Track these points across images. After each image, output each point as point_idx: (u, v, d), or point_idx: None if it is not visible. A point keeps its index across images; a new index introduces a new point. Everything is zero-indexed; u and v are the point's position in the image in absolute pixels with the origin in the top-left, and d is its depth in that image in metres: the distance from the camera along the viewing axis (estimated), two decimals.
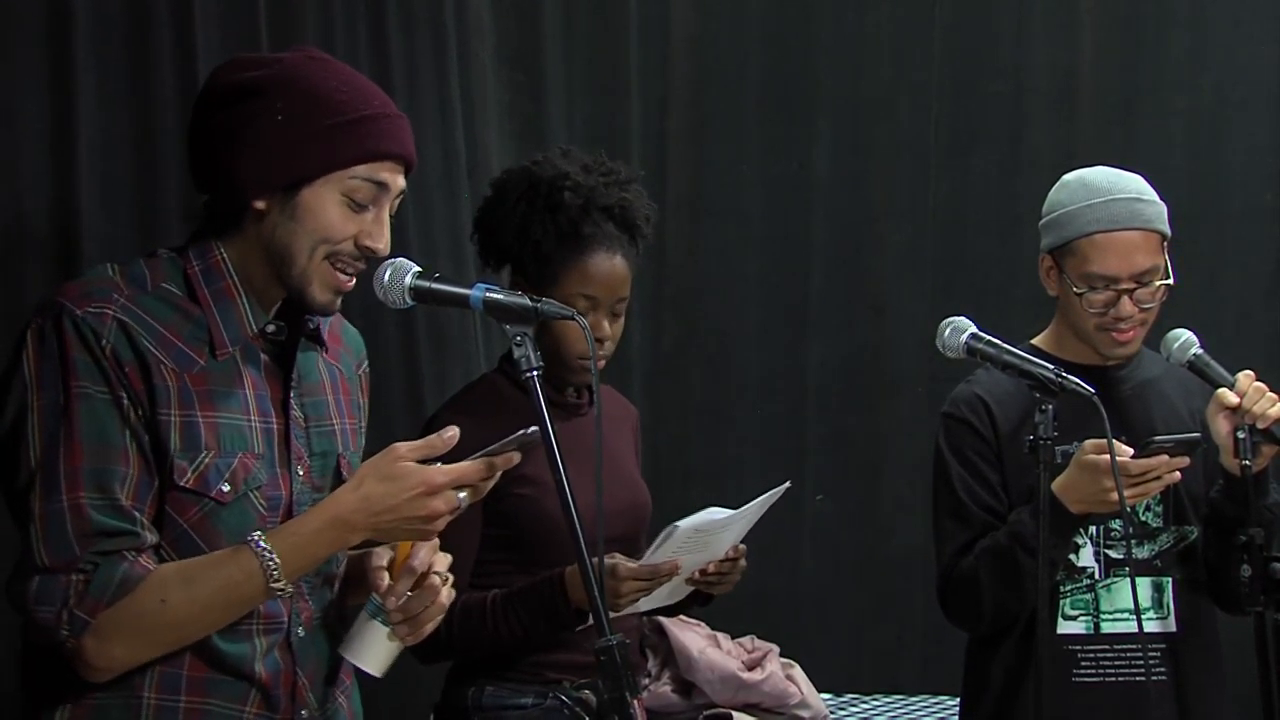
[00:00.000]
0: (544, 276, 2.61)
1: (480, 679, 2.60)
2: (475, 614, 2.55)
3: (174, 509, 1.95)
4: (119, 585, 1.89)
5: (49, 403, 1.91)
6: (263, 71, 2.02)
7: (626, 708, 1.88)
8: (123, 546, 1.90)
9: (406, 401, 3.48)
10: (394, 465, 1.94)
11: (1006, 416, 2.70)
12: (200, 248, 2.04)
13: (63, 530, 1.89)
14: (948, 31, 4.30)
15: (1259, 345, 4.05)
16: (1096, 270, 2.64)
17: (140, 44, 2.88)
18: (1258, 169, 4.19)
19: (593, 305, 2.61)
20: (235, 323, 2.01)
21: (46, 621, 1.89)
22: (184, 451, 1.95)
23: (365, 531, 1.95)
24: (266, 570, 1.91)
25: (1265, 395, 2.58)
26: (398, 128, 2.04)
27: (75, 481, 1.89)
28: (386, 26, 3.46)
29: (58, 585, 1.88)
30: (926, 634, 4.08)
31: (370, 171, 2.00)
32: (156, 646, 1.94)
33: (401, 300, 2.02)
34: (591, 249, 2.61)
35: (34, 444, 1.90)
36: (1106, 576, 2.68)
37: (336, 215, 2.00)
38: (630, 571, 2.49)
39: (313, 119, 1.98)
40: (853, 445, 4.29)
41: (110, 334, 1.92)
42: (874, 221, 4.33)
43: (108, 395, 1.91)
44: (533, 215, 2.62)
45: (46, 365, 1.91)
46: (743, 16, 4.28)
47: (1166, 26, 4.25)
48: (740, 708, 3.39)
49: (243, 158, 1.98)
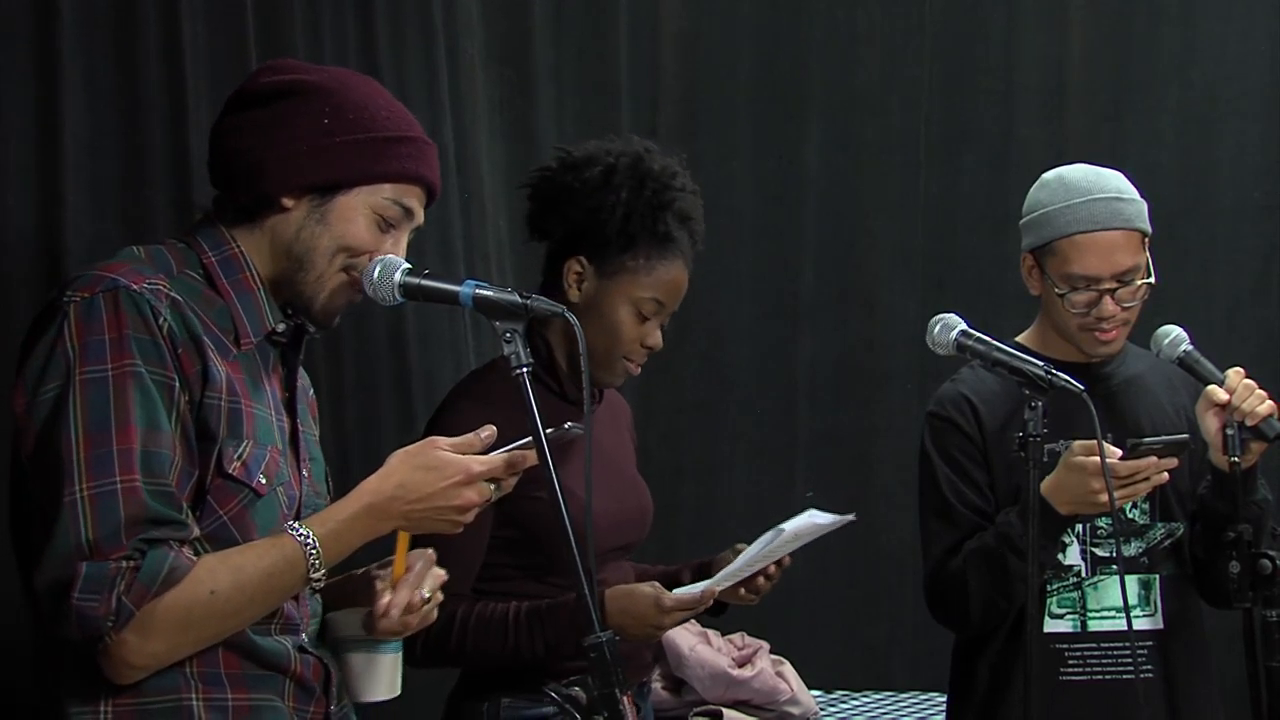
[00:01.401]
0: (620, 269, 2.52)
1: (495, 692, 2.49)
2: (496, 626, 2.44)
3: (216, 499, 1.90)
4: (167, 575, 1.81)
5: (97, 380, 1.82)
6: (308, 76, 2.03)
7: (616, 704, 1.88)
8: (170, 536, 1.82)
9: (395, 399, 3.48)
10: (433, 454, 1.94)
11: (992, 416, 2.69)
12: (212, 237, 2.01)
13: (114, 513, 1.79)
14: (938, 29, 4.31)
15: (1249, 342, 4.06)
16: (1078, 271, 2.63)
17: (127, 41, 2.87)
18: (1247, 166, 4.20)
19: (658, 311, 2.56)
20: (256, 315, 1.99)
21: (90, 612, 1.77)
22: (230, 438, 1.91)
23: (397, 520, 1.94)
24: (309, 558, 1.88)
25: (1254, 392, 2.58)
26: (432, 155, 2.07)
27: (129, 463, 1.81)
28: (375, 23, 3.45)
29: (106, 572, 1.78)
30: (916, 631, 4.08)
31: (401, 193, 2.02)
32: (198, 641, 1.87)
33: (391, 297, 2.01)
34: (674, 256, 2.55)
35: (76, 423, 1.81)
36: (1093, 575, 2.68)
37: (365, 227, 2.00)
38: (676, 603, 2.42)
39: (358, 128, 1.99)
40: (843, 442, 4.29)
41: (167, 313, 1.87)
42: (864, 218, 4.33)
43: (161, 376, 1.85)
44: (638, 205, 2.52)
45: (93, 340, 1.83)
46: (733, 13, 4.28)
47: (1157, 24, 4.27)
48: (730, 704, 3.39)
49: (278, 154, 1.97)
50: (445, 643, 2.42)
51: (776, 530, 2.45)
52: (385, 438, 3.43)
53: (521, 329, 1.97)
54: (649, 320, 2.55)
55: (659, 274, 2.54)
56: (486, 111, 3.79)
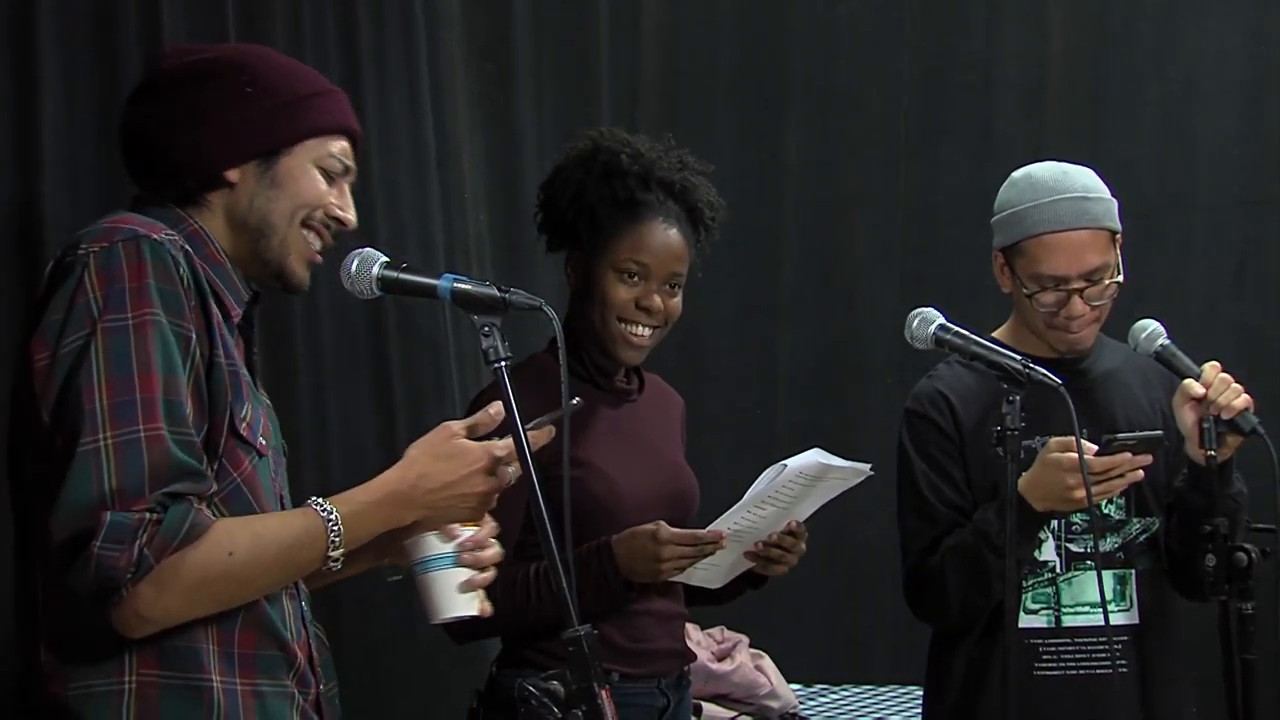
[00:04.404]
0: (596, 244, 2.58)
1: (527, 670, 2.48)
2: (519, 587, 2.48)
3: (229, 461, 1.88)
4: (188, 531, 1.78)
5: (119, 329, 1.80)
6: (212, 54, 2.04)
7: (594, 698, 1.88)
8: (191, 490, 1.80)
9: (375, 390, 3.47)
10: (451, 443, 1.94)
11: (969, 412, 2.70)
12: (167, 215, 1.97)
13: (139, 461, 1.76)
14: (918, 22, 4.31)
15: (1226, 336, 4.07)
16: (1045, 271, 2.64)
17: (106, 32, 2.86)
18: (1226, 160, 4.22)
19: (644, 273, 2.57)
20: (233, 288, 1.99)
21: (111, 562, 1.74)
22: (235, 399, 1.89)
23: (421, 509, 1.94)
24: (330, 534, 1.87)
25: (1231, 386, 2.59)
26: (347, 103, 2.09)
27: (152, 411, 1.78)
28: (355, 15, 3.44)
29: (130, 522, 1.75)
30: (896, 625, 4.08)
31: (334, 143, 2.03)
32: (213, 602, 1.83)
33: (369, 290, 2.01)
34: (646, 216, 2.58)
35: (99, 371, 1.78)
36: (1068, 570, 2.68)
37: (314, 180, 2.01)
38: (672, 536, 2.47)
39: (281, 91, 2.00)
40: (823, 435, 4.26)
41: (184, 265, 1.86)
42: (844, 212, 4.34)
43: (179, 327, 1.84)
44: (588, 180, 2.58)
45: (115, 289, 1.81)
46: (713, 6, 4.28)
47: (1136, 18, 4.28)
48: (710, 698, 3.40)
49: (215, 131, 1.97)
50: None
51: (780, 466, 2.48)
52: (365, 429, 3.43)
53: (500, 322, 1.97)
54: (637, 283, 2.57)
55: (629, 236, 2.57)
56: (467, 105, 3.78)
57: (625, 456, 2.61)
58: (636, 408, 2.68)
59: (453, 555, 2.00)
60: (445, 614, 2.02)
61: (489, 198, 3.82)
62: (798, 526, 2.62)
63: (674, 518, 2.63)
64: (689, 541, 2.49)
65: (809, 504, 2.62)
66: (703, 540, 2.50)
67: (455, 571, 2.00)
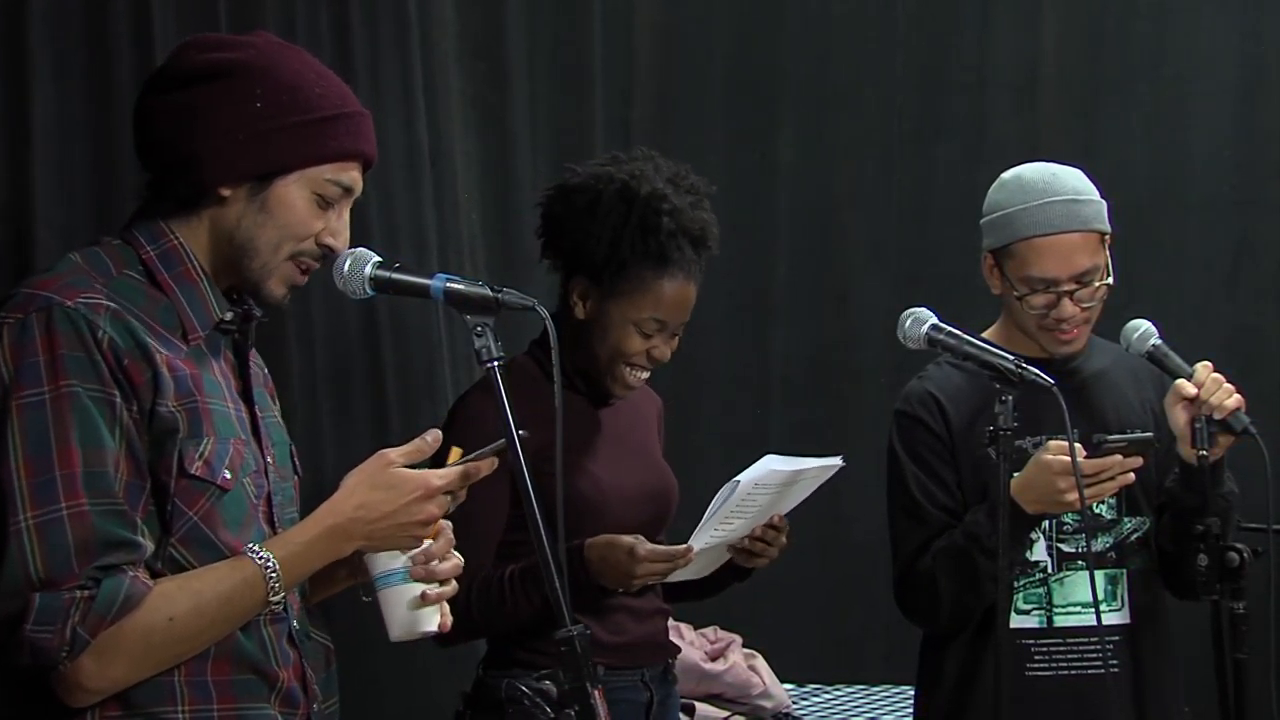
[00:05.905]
0: (618, 291, 2.58)
1: (515, 670, 2.53)
2: (494, 590, 2.51)
3: (183, 501, 1.87)
4: (124, 602, 1.79)
5: (34, 404, 1.79)
6: (235, 54, 1.96)
7: (587, 697, 1.88)
8: (124, 560, 1.79)
9: (369, 390, 3.48)
10: (388, 472, 1.92)
11: (959, 413, 2.69)
12: (149, 230, 1.96)
13: (62, 541, 1.76)
14: (912, 22, 4.32)
15: (1217, 336, 4.07)
16: (1035, 273, 2.64)
17: (97, 29, 2.86)
18: (1218, 160, 4.22)
19: (660, 328, 2.61)
20: (202, 308, 1.95)
21: (44, 644, 1.75)
22: (190, 438, 1.87)
23: (360, 540, 1.92)
24: (268, 580, 1.87)
25: (1222, 386, 2.59)
26: (367, 127, 2.02)
27: (73, 487, 1.78)
28: (349, 15, 3.44)
29: (60, 603, 1.75)
30: (889, 625, 4.07)
31: (340, 171, 1.97)
32: (158, 665, 1.84)
33: (362, 290, 2.00)
34: (672, 274, 2.59)
35: (15, 450, 1.78)
36: (1059, 570, 2.68)
37: (306, 212, 1.96)
38: (649, 554, 2.48)
39: (293, 110, 1.94)
40: (817, 435, 4.29)
41: (106, 325, 1.83)
42: (838, 211, 4.34)
43: (100, 393, 1.80)
44: (624, 232, 2.57)
45: (28, 364, 1.79)
46: (707, 6, 4.28)
47: (1129, 17, 4.29)
48: (703, 698, 3.40)
49: (213, 141, 1.92)
50: (468, 614, 2.45)
51: (733, 483, 2.49)
52: (358, 429, 3.43)
53: (492, 322, 1.96)
54: (653, 336, 2.60)
55: (655, 293, 2.59)
56: (460, 105, 3.78)
57: (609, 455, 2.63)
58: (617, 407, 2.70)
59: (402, 571, 1.97)
60: (399, 632, 1.98)
61: (482, 198, 3.82)
62: (779, 520, 2.63)
63: (657, 514, 2.66)
64: (663, 559, 2.50)
65: (786, 504, 2.63)
66: (675, 557, 2.51)
67: (407, 587, 1.97)
